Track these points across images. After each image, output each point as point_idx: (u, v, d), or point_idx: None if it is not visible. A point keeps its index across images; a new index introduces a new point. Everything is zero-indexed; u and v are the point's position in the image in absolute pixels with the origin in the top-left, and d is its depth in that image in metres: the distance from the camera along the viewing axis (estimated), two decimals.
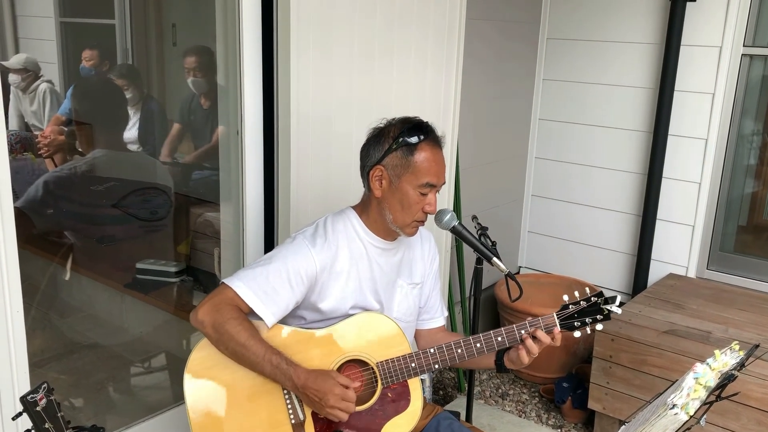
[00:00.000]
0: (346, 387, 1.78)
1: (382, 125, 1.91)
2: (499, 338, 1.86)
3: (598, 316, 1.84)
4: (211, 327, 1.77)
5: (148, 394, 3.20)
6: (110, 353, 3.32)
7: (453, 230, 2.02)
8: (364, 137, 1.95)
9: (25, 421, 1.38)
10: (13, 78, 3.98)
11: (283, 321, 1.96)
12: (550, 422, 3.32)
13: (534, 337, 1.83)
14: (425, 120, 1.91)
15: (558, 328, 1.83)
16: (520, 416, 3.36)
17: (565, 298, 1.87)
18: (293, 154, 2.51)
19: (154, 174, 3.57)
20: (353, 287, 1.91)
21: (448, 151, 3.19)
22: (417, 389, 1.91)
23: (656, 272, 3.76)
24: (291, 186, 2.54)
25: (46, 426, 1.37)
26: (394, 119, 1.91)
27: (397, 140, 1.84)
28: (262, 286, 1.81)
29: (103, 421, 2.88)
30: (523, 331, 1.84)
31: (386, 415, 1.89)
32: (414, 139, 1.84)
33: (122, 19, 4.19)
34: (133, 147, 3.75)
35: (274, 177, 2.60)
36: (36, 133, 3.85)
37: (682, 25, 3.44)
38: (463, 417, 2.64)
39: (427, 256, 2.11)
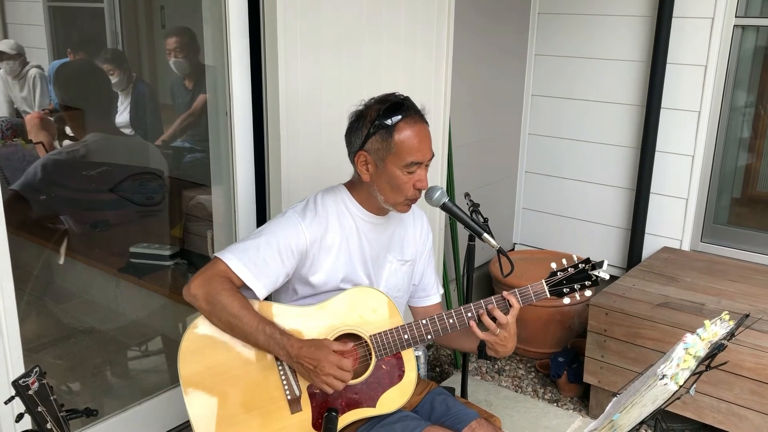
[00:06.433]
0: (342, 355, 1.78)
1: (360, 108, 1.90)
2: (489, 306, 1.87)
3: (586, 282, 1.87)
4: (204, 299, 1.78)
5: (145, 377, 3.22)
6: (106, 337, 3.34)
7: (443, 207, 2.02)
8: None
9: (20, 405, 1.39)
10: (2, 62, 3.96)
11: (276, 296, 1.97)
12: (546, 397, 3.35)
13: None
14: (403, 95, 1.88)
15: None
16: (516, 391, 3.38)
17: (553, 265, 1.89)
18: (283, 134, 2.50)
19: (147, 158, 3.56)
20: (344, 261, 1.92)
21: (440, 129, 3.18)
22: (411, 360, 1.93)
23: (650, 246, 3.77)
24: (282, 166, 2.53)
25: (39, 409, 1.38)
26: (372, 100, 1.89)
27: (375, 123, 1.82)
28: (253, 259, 1.81)
29: (101, 404, 2.90)
30: (512, 299, 1.86)
31: (381, 387, 1.90)
32: (391, 120, 1.82)
33: (110, 3, 4.16)
34: (126, 131, 3.75)
35: (265, 158, 2.59)
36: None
37: None
38: (458, 393, 2.66)
39: (419, 234, 2.11)
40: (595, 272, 1.86)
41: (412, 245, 2.09)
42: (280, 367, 1.85)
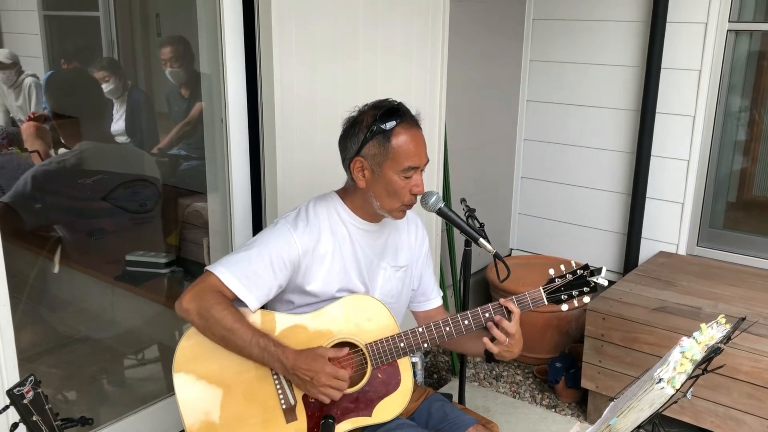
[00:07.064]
0: (338, 362, 1.78)
1: (354, 114, 1.89)
2: (487, 314, 1.86)
3: (584, 289, 1.85)
4: (197, 314, 1.77)
5: (141, 385, 3.20)
6: (102, 346, 3.32)
7: (439, 212, 2.02)
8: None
9: (14, 415, 1.38)
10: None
11: (272, 306, 1.96)
12: (544, 402, 3.34)
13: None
14: (396, 101, 1.89)
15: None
16: (514, 397, 3.37)
17: (551, 272, 1.88)
18: (279, 141, 2.50)
19: (142, 166, 3.56)
20: (338, 269, 1.91)
21: (436, 135, 3.19)
22: (407, 369, 1.92)
23: (647, 250, 3.77)
24: (277, 173, 2.53)
25: (34, 419, 1.37)
26: (366, 106, 1.89)
27: (371, 129, 1.82)
28: (245, 271, 1.81)
29: (96, 413, 2.88)
30: (511, 305, 1.85)
31: (377, 395, 1.89)
32: (388, 125, 1.81)
33: (106, 11, 4.16)
34: (121, 139, 3.74)
35: (260, 164, 2.59)
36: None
37: (668, 2, 3.43)
38: (456, 399, 2.66)
39: (414, 239, 2.10)
40: (594, 279, 1.85)
41: (407, 251, 2.08)
42: (275, 376, 1.84)
